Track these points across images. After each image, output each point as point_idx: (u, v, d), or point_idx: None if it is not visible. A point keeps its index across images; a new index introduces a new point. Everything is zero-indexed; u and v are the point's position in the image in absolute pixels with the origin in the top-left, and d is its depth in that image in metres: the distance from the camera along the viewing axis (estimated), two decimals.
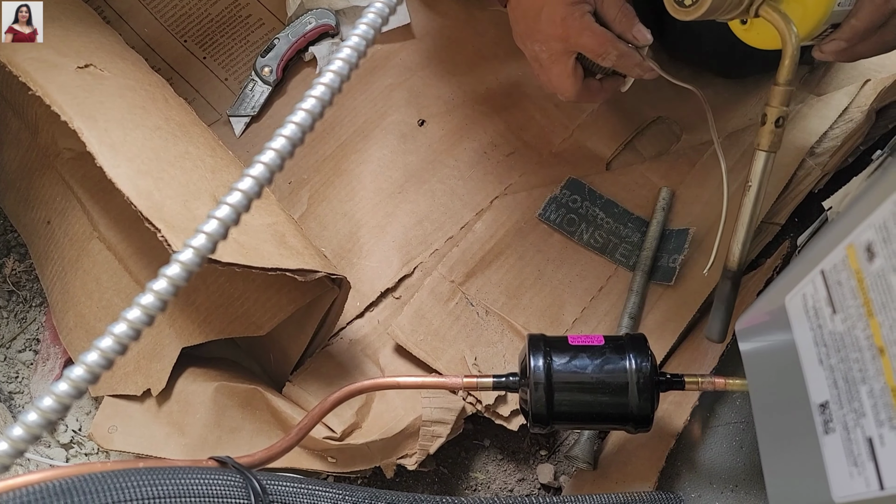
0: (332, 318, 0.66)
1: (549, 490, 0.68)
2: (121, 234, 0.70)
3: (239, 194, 0.32)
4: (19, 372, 0.72)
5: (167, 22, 0.87)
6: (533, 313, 0.70)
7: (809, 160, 0.74)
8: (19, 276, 0.76)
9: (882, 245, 0.31)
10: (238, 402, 0.64)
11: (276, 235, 0.61)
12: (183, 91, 0.81)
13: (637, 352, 0.54)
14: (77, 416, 0.70)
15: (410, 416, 0.63)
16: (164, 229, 0.55)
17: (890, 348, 0.30)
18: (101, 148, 0.58)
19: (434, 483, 0.68)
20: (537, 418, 0.54)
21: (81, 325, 0.69)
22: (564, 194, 0.74)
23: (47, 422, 0.30)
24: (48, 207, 0.73)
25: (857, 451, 0.32)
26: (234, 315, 0.65)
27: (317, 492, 0.45)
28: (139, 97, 0.67)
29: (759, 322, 0.45)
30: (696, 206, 0.74)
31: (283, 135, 0.33)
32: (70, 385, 0.30)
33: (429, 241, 0.74)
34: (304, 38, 0.82)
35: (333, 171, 0.78)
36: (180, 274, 0.31)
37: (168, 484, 0.38)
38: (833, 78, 0.80)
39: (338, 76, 0.34)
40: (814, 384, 0.36)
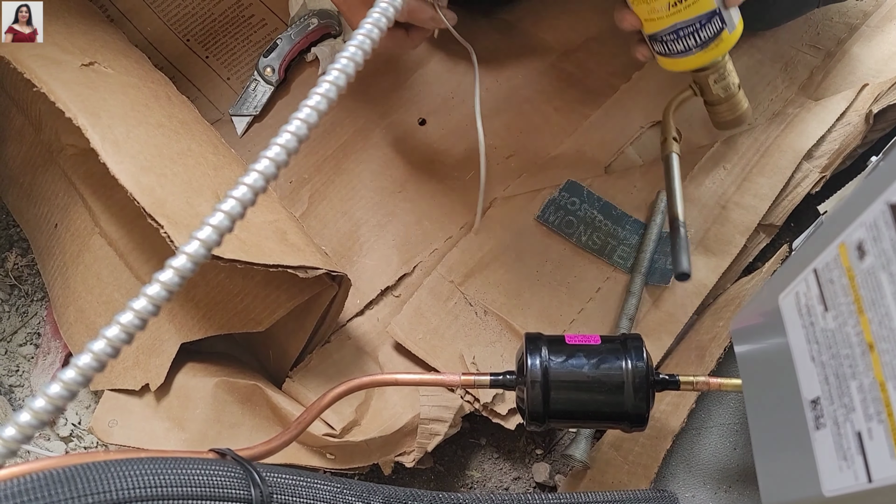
0: (332, 315, 0.67)
1: (545, 489, 0.68)
2: (122, 230, 0.70)
3: (245, 188, 0.33)
4: (20, 365, 0.73)
5: (170, 21, 0.88)
6: (531, 314, 0.70)
7: (807, 163, 0.75)
8: (21, 271, 0.77)
9: (872, 243, 0.32)
10: (238, 398, 0.65)
11: (278, 232, 0.62)
12: (185, 90, 0.81)
13: (633, 352, 0.55)
14: (77, 410, 0.70)
15: (409, 413, 0.64)
16: (166, 225, 0.56)
17: (879, 344, 0.31)
18: (105, 144, 0.59)
19: (430, 480, 0.68)
20: (533, 416, 0.55)
21: (82, 320, 0.69)
22: (563, 196, 0.75)
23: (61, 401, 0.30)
24: (50, 203, 0.74)
25: (847, 445, 0.33)
26: (233, 311, 0.66)
27: (316, 484, 0.45)
28: (142, 94, 0.68)
29: (752, 320, 0.45)
30: (694, 209, 0.74)
31: (289, 130, 0.34)
32: (77, 372, 0.31)
33: (428, 241, 0.75)
34: (306, 39, 0.83)
35: (334, 171, 0.78)
36: (186, 265, 0.32)
37: (170, 473, 0.39)
38: (831, 83, 0.81)
39: (343, 73, 0.35)
40: (805, 381, 0.37)
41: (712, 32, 0.59)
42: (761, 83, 0.81)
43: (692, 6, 0.58)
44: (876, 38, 0.83)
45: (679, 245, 0.60)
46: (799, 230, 0.77)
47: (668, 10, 0.58)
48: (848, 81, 0.80)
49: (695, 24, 0.59)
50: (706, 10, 0.58)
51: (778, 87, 0.81)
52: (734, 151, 0.77)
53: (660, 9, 0.58)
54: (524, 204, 0.75)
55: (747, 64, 0.82)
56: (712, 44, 0.60)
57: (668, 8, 0.58)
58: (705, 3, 0.58)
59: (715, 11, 0.58)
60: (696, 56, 0.61)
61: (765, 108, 0.80)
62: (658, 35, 0.60)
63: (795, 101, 0.80)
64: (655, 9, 0.58)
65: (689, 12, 0.58)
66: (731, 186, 0.75)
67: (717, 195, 0.75)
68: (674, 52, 0.61)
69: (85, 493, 0.36)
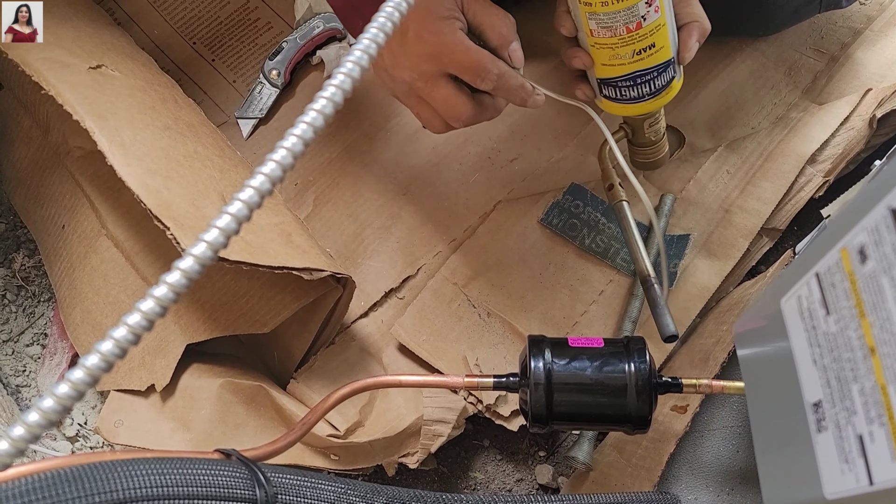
0: (336, 317, 0.67)
1: (548, 491, 0.68)
2: (128, 231, 0.71)
3: (251, 191, 0.33)
4: (27, 366, 0.73)
5: (176, 24, 0.88)
6: (534, 316, 0.71)
7: (810, 167, 0.75)
8: (28, 272, 0.78)
9: (874, 248, 0.32)
10: (242, 399, 0.65)
11: (283, 234, 0.62)
12: (191, 92, 0.82)
13: (636, 354, 0.55)
14: (83, 410, 0.71)
15: (412, 415, 0.64)
16: (172, 227, 0.56)
17: (880, 347, 0.31)
18: (112, 147, 0.59)
19: (434, 482, 0.68)
20: (536, 418, 0.55)
21: (88, 321, 0.70)
22: (567, 199, 0.75)
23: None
24: (58, 204, 0.74)
25: (849, 448, 0.33)
26: (238, 312, 0.66)
27: (320, 485, 0.46)
28: (149, 97, 0.69)
29: (755, 324, 0.45)
30: (698, 212, 0.75)
31: (295, 134, 0.34)
32: (85, 373, 0.31)
33: (432, 243, 0.75)
34: (311, 42, 0.84)
35: (339, 173, 0.79)
36: (193, 267, 0.32)
37: (175, 473, 0.39)
38: (835, 87, 0.81)
39: (348, 77, 0.35)
40: (808, 384, 0.37)
41: (665, 81, 0.59)
42: (765, 87, 0.81)
43: (655, 55, 0.57)
44: (880, 43, 0.83)
45: (658, 306, 0.61)
46: (802, 234, 0.77)
47: (630, 58, 0.57)
48: (852, 86, 0.80)
49: (653, 73, 0.58)
50: (665, 59, 0.58)
51: (781, 91, 0.81)
52: (738, 155, 0.77)
53: (623, 55, 0.57)
54: (528, 207, 0.75)
55: (751, 68, 0.82)
56: (663, 92, 0.60)
57: (631, 55, 0.57)
58: (665, 52, 0.58)
59: (671, 61, 0.59)
60: (646, 103, 0.60)
61: (768, 113, 0.80)
62: (613, 80, 0.59)
63: (799, 105, 0.80)
64: (619, 55, 0.57)
65: (650, 61, 0.58)
66: (735, 190, 0.75)
67: (720, 199, 0.75)
68: (625, 98, 0.60)
69: (91, 493, 0.36)
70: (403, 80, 0.58)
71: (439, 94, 0.57)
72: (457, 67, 0.56)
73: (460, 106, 0.57)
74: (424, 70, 0.56)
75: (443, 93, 0.57)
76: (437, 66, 0.56)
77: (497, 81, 0.56)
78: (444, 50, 0.54)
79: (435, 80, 0.56)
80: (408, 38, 0.55)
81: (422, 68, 0.56)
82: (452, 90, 0.57)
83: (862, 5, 0.86)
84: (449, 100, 0.57)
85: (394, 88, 0.60)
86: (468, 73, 0.56)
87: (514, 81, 0.57)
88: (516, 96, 0.58)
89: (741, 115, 0.80)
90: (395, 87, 0.60)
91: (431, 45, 0.54)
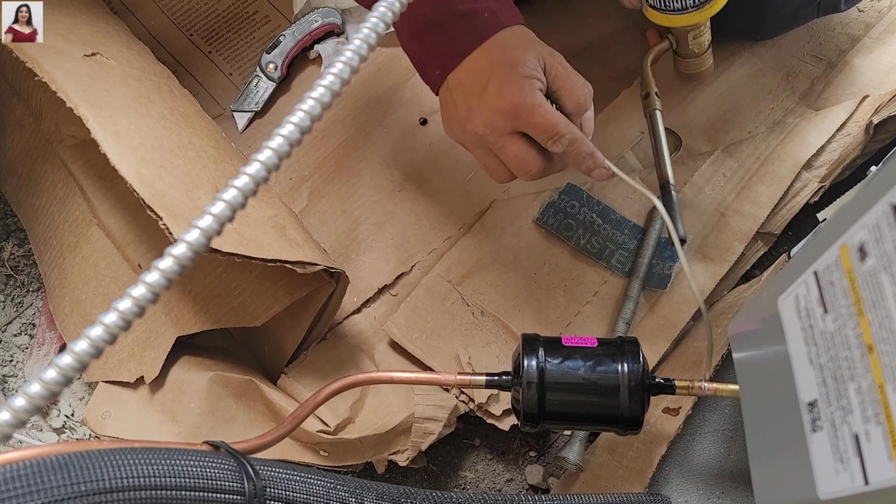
0: (328, 312, 0.67)
1: (538, 491, 0.68)
2: (120, 221, 0.70)
3: (247, 178, 0.33)
4: (14, 356, 0.73)
5: (174, 15, 0.88)
6: (528, 315, 0.70)
7: (806, 173, 0.75)
8: (18, 261, 0.77)
9: (874, 245, 0.32)
10: (232, 393, 0.65)
11: (277, 227, 0.62)
12: (187, 84, 0.81)
13: (629, 355, 0.55)
14: (70, 402, 0.70)
15: (403, 412, 0.63)
16: (165, 217, 0.55)
17: (878, 346, 0.31)
18: (106, 135, 0.59)
19: (423, 480, 0.68)
20: (528, 417, 0.55)
21: (77, 312, 0.69)
22: (563, 199, 0.75)
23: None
24: (49, 193, 0.74)
25: (844, 447, 0.33)
26: (230, 305, 0.65)
27: (310, 479, 0.45)
28: (144, 87, 0.68)
29: (751, 324, 0.45)
30: (693, 215, 0.74)
31: (292, 122, 0.34)
32: (73, 358, 0.30)
33: (427, 240, 0.74)
34: (309, 36, 0.83)
35: (334, 168, 0.78)
36: (186, 254, 0.32)
37: (163, 463, 0.39)
38: (832, 93, 0.81)
39: (347, 66, 0.35)
40: (803, 383, 0.37)
41: None
42: (762, 92, 0.81)
43: None
44: (877, 50, 0.83)
45: (674, 210, 0.63)
46: (797, 239, 0.77)
47: None
48: (849, 92, 0.81)
49: None
50: None
51: (779, 97, 0.81)
52: (734, 159, 0.77)
53: None
54: (524, 206, 0.75)
55: (749, 72, 0.82)
56: (708, 5, 0.62)
57: None
58: None
59: None
60: (690, 15, 0.63)
61: (765, 117, 0.80)
62: None
63: (796, 110, 0.80)
64: None
65: None
66: (731, 194, 0.75)
67: (716, 202, 0.75)
68: (670, 9, 0.63)
69: (78, 481, 0.36)
70: (474, 134, 0.58)
71: (511, 149, 0.58)
72: (533, 128, 0.56)
73: (531, 162, 0.58)
74: (499, 125, 0.56)
75: (514, 149, 0.57)
76: (513, 123, 0.56)
77: (568, 147, 0.57)
78: (522, 109, 0.55)
79: (508, 135, 0.57)
80: (487, 91, 0.55)
81: (496, 123, 0.56)
82: (524, 147, 0.57)
83: (860, 12, 0.86)
84: (521, 155, 0.58)
85: (463, 139, 0.61)
86: (543, 134, 0.56)
87: (585, 149, 0.58)
88: (583, 163, 0.59)
89: (738, 119, 0.80)
90: (465, 137, 0.60)
91: (511, 103, 0.55)
